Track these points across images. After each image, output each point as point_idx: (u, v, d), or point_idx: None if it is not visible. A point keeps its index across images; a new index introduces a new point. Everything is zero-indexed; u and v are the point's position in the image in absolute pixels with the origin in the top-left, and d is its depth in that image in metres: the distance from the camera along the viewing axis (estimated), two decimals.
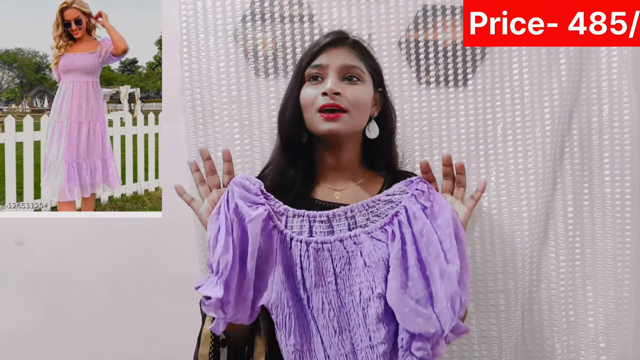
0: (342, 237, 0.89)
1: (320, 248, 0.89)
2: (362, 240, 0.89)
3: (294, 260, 0.89)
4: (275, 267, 0.88)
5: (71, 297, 1.38)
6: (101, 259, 1.38)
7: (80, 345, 1.38)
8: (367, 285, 0.86)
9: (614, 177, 1.35)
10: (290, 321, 0.86)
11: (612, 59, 1.34)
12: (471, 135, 1.36)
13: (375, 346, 0.85)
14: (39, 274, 1.38)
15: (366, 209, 0.92)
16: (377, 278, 0.86)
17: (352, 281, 0.88)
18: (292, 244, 0.89)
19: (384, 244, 0.88)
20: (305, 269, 0.88)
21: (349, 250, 0.89)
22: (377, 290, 0.86)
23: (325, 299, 0.87)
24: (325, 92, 0.95)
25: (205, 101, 1.33)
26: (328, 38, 1.00)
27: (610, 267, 1.35)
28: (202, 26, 1.33)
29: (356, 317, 0.87)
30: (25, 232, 1.38)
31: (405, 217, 0.88)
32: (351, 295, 0.88)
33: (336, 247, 0.89)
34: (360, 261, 0.88)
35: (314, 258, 0.88)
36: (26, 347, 1.38)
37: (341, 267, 0.89)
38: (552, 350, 1.37)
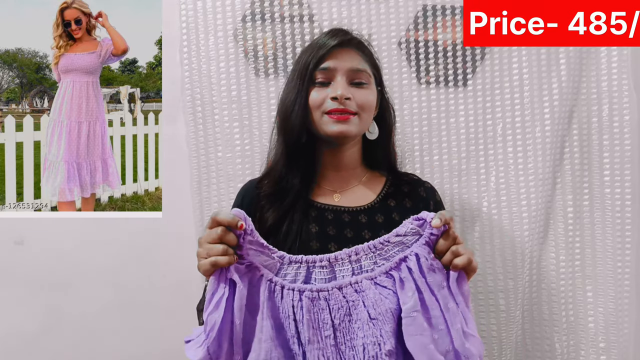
0: (341, 284, 0.80)
1: (315, 297, 0.79)
2: (364, 288, 0.79)
3: (286, 312, 0.79)
4: (264, 321, 0.78)
5: (71, 297, 1.38)
6: (101, 259, 1.38)
7: (80, 346, 1.38)
8: (372, 340, 0.77)
9: (614, 177, 1.35)
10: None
11: (612, 59, 1.34)
12: (471, 135, 1.36)
13: None
14: (39, 274, 1.38)
15: (373, 251, 0.82)
16: (384, 332, 0.77)
17: (354, 335, 0.79)
18: (283, 294, 0.80)
19: (390, 291, 0.79)
20: (299, 321, 0.79)
21: (349, 300, 0.79)
22: (387, 346, 0.76)
23: (323, 357, 0.78)
24: (335, 97, 0.94)
25: (205, 101, 1.33)
26: (335, 40, 0.98)
27: (610, 267, 1.35)
28: (202, 26, 1.33)
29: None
30: (25, 232, 1.38)
31: (417, 265, 0.79)
32: (353, 351, 0.78)
33: (334, 295, 0.79)
34: (364, 313, 0.78)
35: (308, 309, 0.79)
36: (26, 347, 1.38)
37: (340, 319, 0.79)
38: (552, 350, 1.37)
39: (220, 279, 0.77)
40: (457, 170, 1.36)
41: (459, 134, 1.36)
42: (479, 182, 1.36)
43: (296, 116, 0.97)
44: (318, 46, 0.98)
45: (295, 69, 1.01)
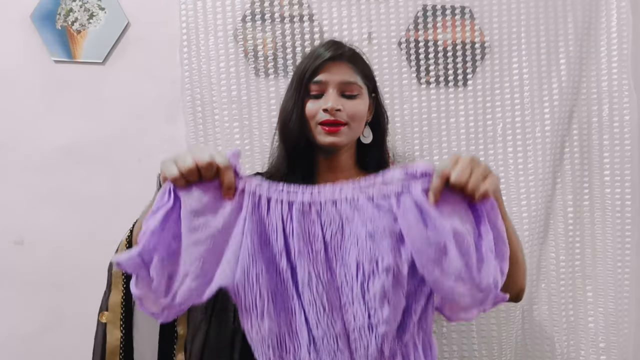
0: (336, 198, 0.76)
1: (307, 210, 0.75)
2: (361, 205, 0.75)
3: (273, 225, 0.75)
4: (244, 238, 0.73)
5: (71, 297, 1.38)
6: (101, 259, 1.38)
7: (80, 346, 1.38)
8: (369, 257, 0.74)
9: (614, 177, 1.35)
10: (262, 301, 0.74)
11: (612, 59, 1.35)
12: (471, 135, 1.36)
13: (374, 326, 0.74)
14: (39, 274, 1.38)
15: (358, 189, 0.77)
16: (382, 248, 0.73)
17: (346, 252, 0.75)
18: (270, 207, 0.75)
19: (387, 210, 0.75)
20: (289, 234, 0.75)
21: (343, 215, 0.76)
22: (385, 262, 0.73)
23: (313, 270, 0.75)
24: (326, 109, 1.00)
25: (205, 101, 1.34)
26: (327, 53, 1.03)
27: (610, 267, 1.35)
28: (202, 26, 1.33)
29: (350, 293, 0.75)
30: (25, 232, 1.38)
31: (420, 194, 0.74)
32: (344, 268, 0.76)
33: (327, 209, 0.76)
34: (359, 228, 0.75)
35: (299, 221, 0.75)
36: (26, 347, 1.38)
37: (332, 234, 0.76)
38: (552, 350, 1.37)
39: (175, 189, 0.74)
40: None
41: (459, 134, 1.36)
42: None
43: (294, 125, 1.03)
44: (314, 57, 1.04)
45: (293, 79, 1.07)
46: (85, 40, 1.38)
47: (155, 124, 1.39)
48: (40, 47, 1.37)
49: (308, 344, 0.75)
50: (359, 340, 0.75)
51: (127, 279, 0.96)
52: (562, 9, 1.36)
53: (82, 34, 1.38)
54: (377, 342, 0.74)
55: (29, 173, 1.37)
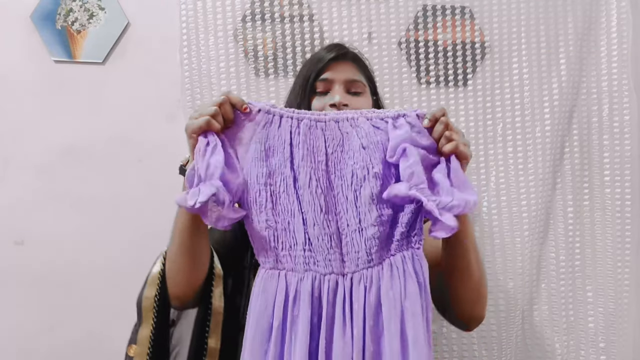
0: (338, 117, 0.84)
1: (313, 125, 0.83)
2: (360, 124, 0.83)
3: (282, 137, 0.83)
4: (251, 145, 0.82)
5: (71, 297, 1.38)
6: (101, 259, 1.39)
7: (80, 346, 1.38)
8: (362, 165, 0.81)
9: (614, 177, 1.35)
10: (261, 197, 0.81)
11: (612, 59, 1.35)
12: (471, 135, 1.36)
13: (364, 229, 0.80)
14: (39, 274, 1.38)
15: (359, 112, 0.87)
16: (374, 159, 0.81)
17: (344, 164, 0.83)
18: (281, 122, 0.83)
19: (382, 131, 0.82)
20: (295, 145, 0.83)
21: (344, 132, 0.84)
22: (374, 169, 0.81)
23: (314, 175, 0.82)
24: (334, 104, 1.01)
25: (205, 101, 1.34)
26: (332, 53, 1.05)
27: (610, 267, 1.35)
28: (202, 26, 1.33)
29: (344, 201, 0.82)
30: (25, 232, 1.38)
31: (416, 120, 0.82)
32: (341, 180, 0.82)
33: (330, 126, 0.84)
34: (356, 142, 0.82)
35: (305, 134, 0.83)
36: (26, 347, 1.38)
37: (333, 148, 0.83)
38: (552, 350, 1.37)
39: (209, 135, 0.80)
40: None
41: None
42: (479, 182, 1.36)
43: None
44: (317, 60, 1.06)
45: (296, 82, 1.08)
46: (85, 40, 1.38)
47: (155, 124, 1.39)
48: (40, 47, 1.37)
49: (304, 242, 0.81)
50: (350, 243, 0.80)
51: (158, 313, 0.95)
52: (562, 9, 1.36)
53: (82, 34, 1.38)
54: (366, 245, 0.80)
55: (29, 173, 1.37)
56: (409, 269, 0.78)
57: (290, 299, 0.78)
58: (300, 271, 0.80)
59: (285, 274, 0.80)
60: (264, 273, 0.81)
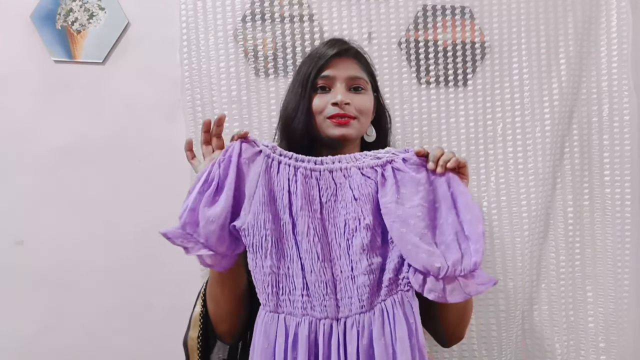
0: (332, 168, 0.89)
1: (308, 175, 0.89)
2: (352, 174, 0.89)
3: (281, 184, 0.88)
4: (257, 189, 0.87)
5: (71, 297, 1.38)
6: (101, 259, 1.39)
7: (80, 345, 1.38)
8: (354, 216, 0.87)
9: (614, 177, 1.35)
10: (267, 242, 0.86)
11: (612, 59, 1.35)
12: (471, 135, 1.36)
13: (356, 277, 0.85)
14: (39, 274, 1.38)
15: (354, 160, 0.91)
16: (365, 210, 0.86)
17: (337, 213, 0.88)
18: (280, 168, 0.89)
19: (372, 181, 0.88)
20: (293, 192, 0.88)
21: (337, 182, 0.89)
22: (365, 221, 0.86)
23: (311, 224, 0.87)
24: (335, 103, 1.00)
25: (205, 101, 1.34)
26: (333, 49, 1.03)
27: (610, 267, 1.35)
28: (202, 26, 1.33)
29: (338, 248, 0.87)
30: (25, 232, 1.38)
31: (402, 165, 0.88)
32: (335, 227, 0.88)
33: (325, 176, 0.89)
34: (349, 193, 0.88)
35: (302, 183, 0.88)
36: (26, 347, 1.38)
37: (327, 197, 0.88)
38: (552, 350, 1.37)
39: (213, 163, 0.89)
40: None
41: (459, 134, 1.36)
42: (479, 182, 1.36)
43: (299, 121, 1.02)
44: (318, 56, 1.04)
45: (296, 79, 1.06)
46: (85, 40, 1.38)
47: (155, 124, 1.39)
48: (40, 47, 1.37)
49: (302, 288, 0.86)
50: (344, 289, 0.86)
51: (202, 352, 1.00)
52: (562, 9, 1.36)
53: (82, 34, 1.38)
54: (358, 292, 0.85)
55: (29, 173, 1.37)
56: (399, 313, 0.83)
57: (289, 342, 0.84)
58: (298, 315, 0.85)
59: (284, 317, 0.86)
60: (265, 315, 0.87)
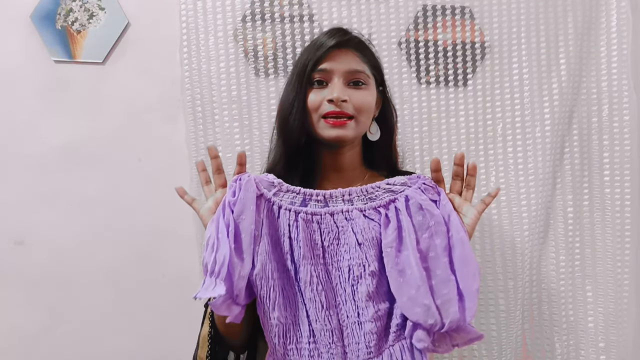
0: (333, 210, 0.87)
1: (309, 219, 0.86)
2: (354, 217, 0.87)
3: (282, 230, 0.86)
4: (261, 237, 0.84)
5: (71, 297, 1.38)
6: (101, 259, 1.39)
7: (80, 345, 1.38)
8: (358, 262, 0.85)
9: (614, 177, 1.35)
10: (275, 293, 0.83)
11: (612, 59, 1.35)
12: (471, 135, 1.36)
13: (363, 323, 0.84)
14: (39, 274, 1.38)
15: (365, 194, 0.89)
16: (369, 256, 0.85)
17: (340, 257, 0.86)
18: (280, 213, 0.87)
19: (376, 223, 0.86)
20: (294, 239, 0.86)
21: (339, 225, 0.87)
22: (370, 268, 0.84)
23: (314, 271, 0.85)
24: (331, 99, 0.94)
25: (205, 101, 1.34)
26: (332, 40, 0.97)
27: (610, 267, 1.35)
28: (202, 26, 1.33)
29: (343, 293, 0.85)
30: (25, 232, 1.38)
31: (404, 205, 0.86)
32: (339, 271, 0.86)
33: (326, 220, 0.87)
34: (352, 238, 0.86)
35: (303, 229, 0.85)
36: (26, 347, 1.38)
37: (329, 242, 0.86)
38: (552, 350, 1.37)
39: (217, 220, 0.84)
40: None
41: (459, 134, 1.36)
42: (479, 182, 1.36)
43: (294, 119, 0.96)
44: (316, 47, 0.97)
45: (294, 71, 1.00)
46: (85, 40, 1.38)
47: (155, 124, 1.39)
48: (40, 47, 1.37)
49: (308, 336, 0.84)
50: (350, 335, 0.84)
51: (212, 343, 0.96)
52: (562, 9, 1.36)
53: (82, 34, 1.38)
54: (365, 339, 0.84)
55: (29, 173, 1.37)
56: (407, 358, 0.83)
57: None
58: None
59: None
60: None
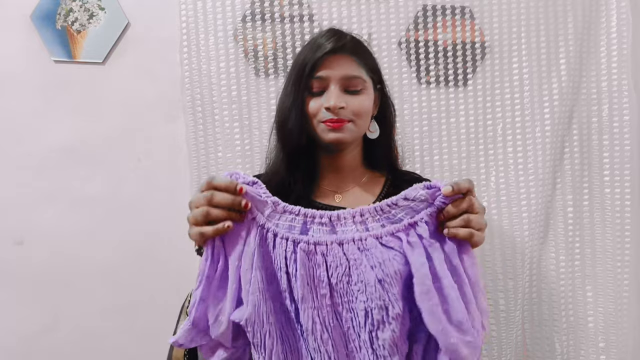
0: (342, 239, 0.71)
1: (312, 251, 0.70)
2: (369, 246, 0.70)
3: (278, 263, 0.71)
4: (252, 272, 0.69)
5: (71, 297, 1.38)
6: (101, 259, 1.39)
7: (80, 345, 1.38)
8: (379, 304, 0.69)
9: (613, 177, 1.35)
10: (271, 340, 0.70)
11: (612, 59, 1.35)
12: (471, 135, 1.36)
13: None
14: (39, 274, 1.38)
15: (379, 213, 0.73)
16: (392, 295, 0.69)
17: (352, 297, 0.71)
18: (275, 242, 0.71)
19: (397, 252, 0.70)
20: (292, 275, 0.71)
21: (350, 258, 0.70)
22: (395, 310, 0.68)
23: (318, 317, 0.70)
24: (328, 107, 0.94)
25: (205, 101, 1.34)
26: (328, 45, 0.96)
27: (610, 267, 1.35)
28: (202, 26, 1.33)
29: (357, 339, 0.71)
30: (25, 232, 1.38)
31: (427, 232, 0.71)
32: (351, 313, 0.71)
33: (333, 251, 0.70)
34: (369, 274, 0.69)
35: (303, 263, 0.70)
36: (26, 347, 1.38)
37: (338, 279, 0.70)
38: (552, 350, 1.37)
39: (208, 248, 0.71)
40: (457, 170, 1.36)
41: (459, 134, 1.36)
42: (479, 182, 1.36)
43: (293, 123, 0.96)
44: (314, 49, 0.96)
45: (291, 73, 0.99)
46: (85, 40, 1.38)
47: (155, 124, 1.39)
48: (40, 47, 1.37)
49: None
50: None
51: None
52: (562, 9, 1.36)
53: (82, 34, 1.38)
54: None
55: (29, 173, 1.37)
56: None
57: None
58: None
59: None
60: None
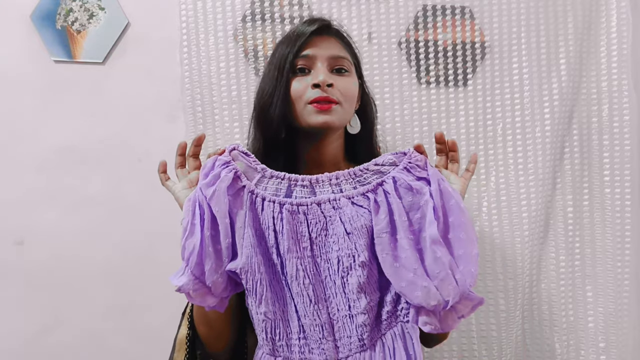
0: (320, 200, 0.83)
1: (295, 210, 0.83)
2: (342, 205, 0.83)
3: (266, 223, 0.83)
4: (245, 229, 0.82)
5: (71, 297, 1.38)
6: (101, 259, 1.39)
7: (80, 345, 1.38)
8: (347, 253, 0.81)
9: (614, 177, 1.35)
10: (262, 287, 0.81)
11: (612, 59, 1.35)
12: (471, 135, 1.36)
13: (354, 316, 0.81)
14: (39, 274, 1.38)
15: (352, 177, 0.86)
16: (359, 246, 0.81)
17: (329, 248, 0.83)
18: (264, 205, 0.83)
19: (365, 210, 0.82)
20: (279, 232, 0.82)
21: (327, 215, 0.83)
22: (360, 258, 0.81)
23: (300, 265, 0.82)
24: (317, 84, 0.90)
25: (205, 101, 1.34)
26: (313, 26, 0.94)
27: (610, 267, 1.35)
28: (202, 26, 1.33)
29: (333, 285, 0.82)
30: (25, 232, 1.38)
31: (393, 187, 0.82)
32: (328, 263, 0.83)
33: (313, 210, 0.83)
34: (340, 227, 0.82)
35: (288, 221, 0.82)
36: (26, 347, 1.38)
37: (317, 233, 0.83)
38: (552, 350, 1.37)
39: (192, 203, 0.83)
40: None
41: (459, 134, 1.36)
42: (479, 182, 1.36)
43: (275, 109, 0.92)
44: (296, 35, 0.94)
45: (271, 62, 0.96)
46: (85, 40, 1.38)
47: (155, 124, 1.39)
48: (40, 47, 1.37)
49: (298, 332, 0.83)
50: (342, 329, 0.82)
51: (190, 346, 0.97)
52: (562, 9, 1.36)
53: (82, 34, 1.38)
54: (357, 332, 0.82)
55: (29, 173, 1.37)
56: (399, 347, 0.81)
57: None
58: (296, 359, 0.83)
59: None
60: (262, 357, 0.85)
